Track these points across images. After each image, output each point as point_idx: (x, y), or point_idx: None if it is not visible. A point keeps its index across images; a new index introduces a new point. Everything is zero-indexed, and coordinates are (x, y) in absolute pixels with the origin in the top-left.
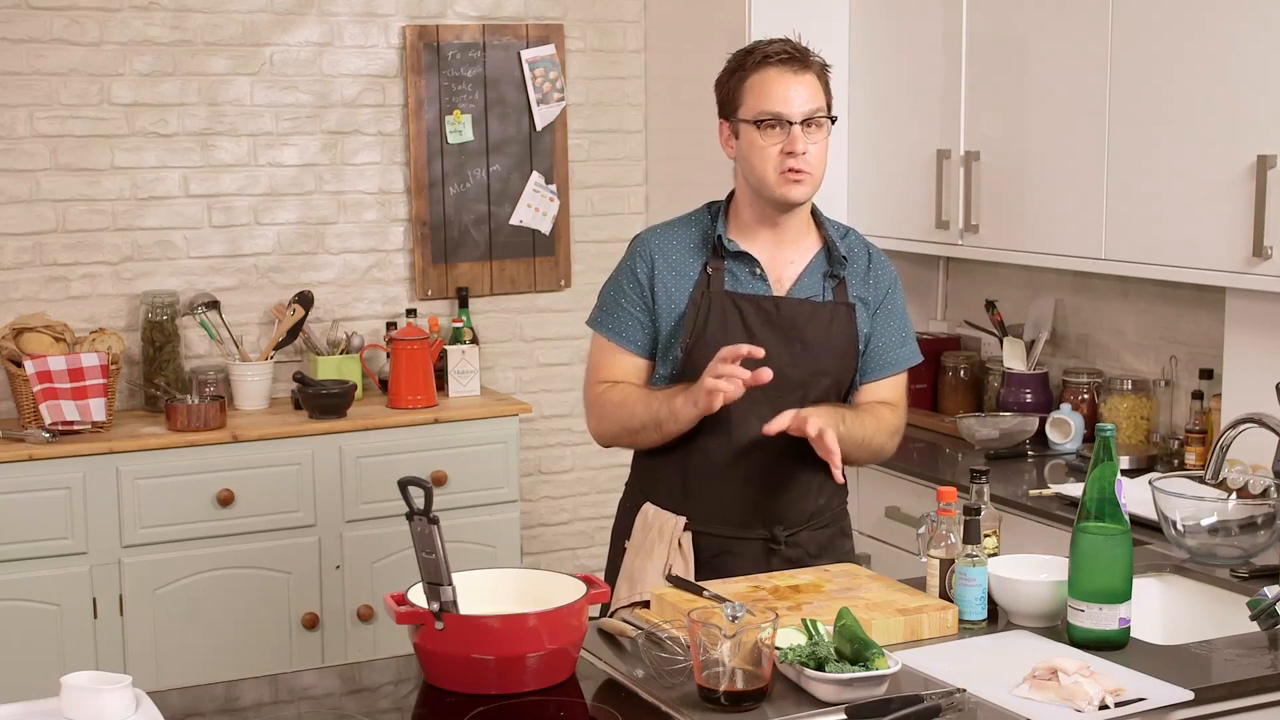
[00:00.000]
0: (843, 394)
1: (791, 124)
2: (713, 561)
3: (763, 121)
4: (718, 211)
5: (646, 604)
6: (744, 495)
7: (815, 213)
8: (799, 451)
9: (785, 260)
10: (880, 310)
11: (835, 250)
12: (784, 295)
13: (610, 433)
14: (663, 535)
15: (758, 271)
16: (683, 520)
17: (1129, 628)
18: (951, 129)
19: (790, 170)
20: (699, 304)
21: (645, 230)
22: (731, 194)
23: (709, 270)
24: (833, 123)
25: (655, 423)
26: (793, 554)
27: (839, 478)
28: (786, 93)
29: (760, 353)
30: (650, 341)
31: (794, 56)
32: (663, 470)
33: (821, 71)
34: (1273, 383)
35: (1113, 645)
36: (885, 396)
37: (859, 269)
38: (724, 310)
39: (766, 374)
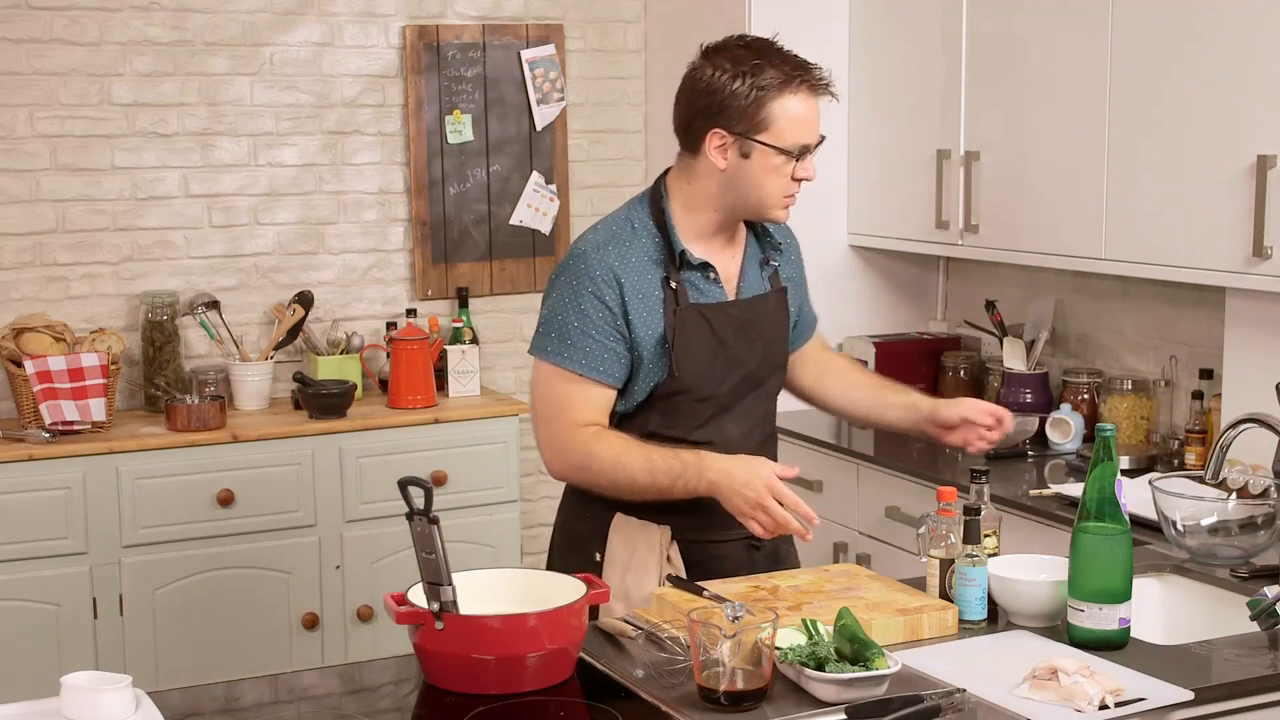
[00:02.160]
0: (781, 377)
1: (811, 152)
2: (700, 566)
3: (794, 153)
4: (659, 216)
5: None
6: None
7: None
8: (765, 447)
9: (728, 257)
10: (801, 280)
11: (768, 238)
12: (737, 296)
13: (594, 485)
14: (651, 549)
15: (712, 276)
16: (668, 530)
17: (1129, 628)
18: (951, 129)
19: (791, 195)
20: (674, 325)
21: (590, 247)
22: (662, 190)
23: (672, 285)
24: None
25: (655, 489)
26: (769, 549)
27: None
28: (816, 121)
29: (795, 471)
30: (623, 372)
31: (822, 82)
32: None
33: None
34: (1273, 383)
35: (1113, 645)
36: (821, 350)
37: (787, 245)
38: (697, 325)
39: (814, 524)
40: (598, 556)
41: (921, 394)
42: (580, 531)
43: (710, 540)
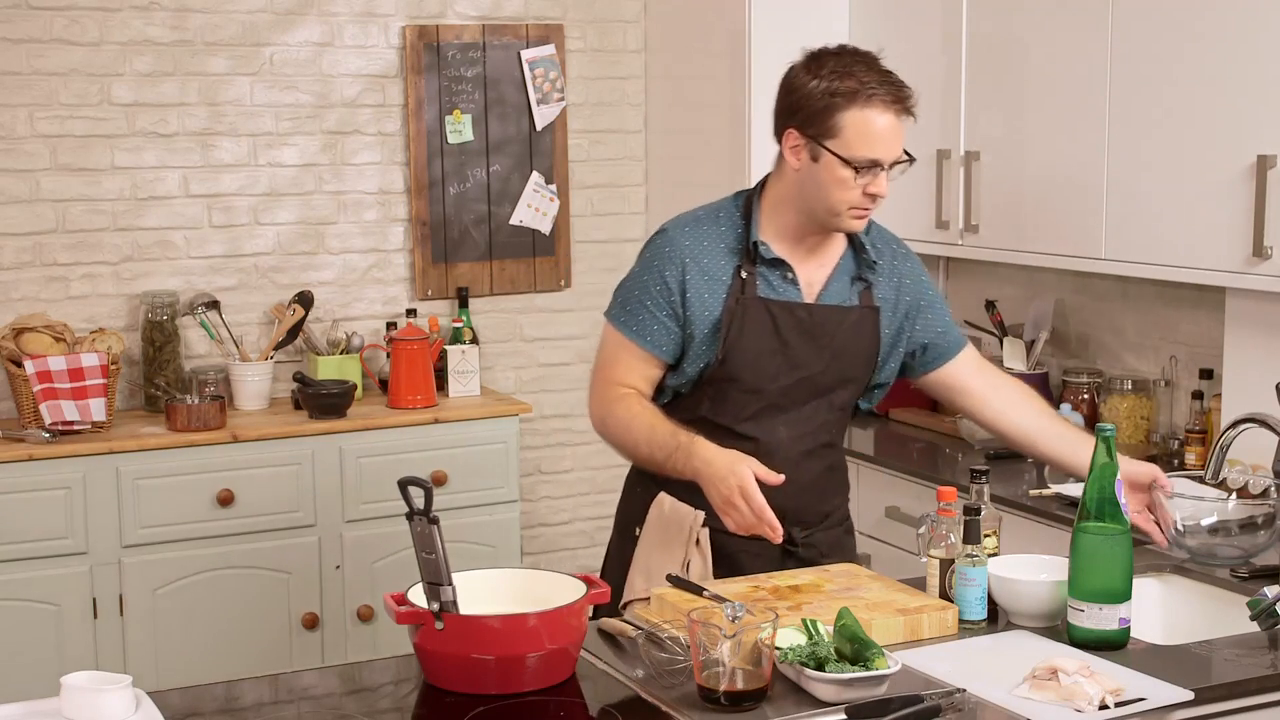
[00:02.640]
0: (856, 397)
1: (883, 169)
2: (729, 560)
3: (861, 165)
4: (749, 210)
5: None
6: (766, 497)
7: None
8: (819, 455)
9: (815, 264)
10: (923, 306)
11: (865, 254)
12: (815, 301)
13: (611, 442)
14: (681, 530)
15: (789, 276)
16: (701, 515)
17: (1129, 628)
18: (951, 129)
19: (863, 209)
20: (734, 311)
21: (672, 226)
22: (762, 188)
23: (742, 275)
24: (912, 162)
25: (653, 461)
26: (807, 554)
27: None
28: (891, 138)
29: (779, 479)
30: (673, 347)
31: (900, 99)
32: None
33: (912, 108)
34: (1273, 383)
35: (1113, 645)
36: (977, 371)
37: (884, 267)
38: (759, 317)
39: (778, 535)
40: (636, 532)
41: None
42: (629, 508)
43: (746, 536)
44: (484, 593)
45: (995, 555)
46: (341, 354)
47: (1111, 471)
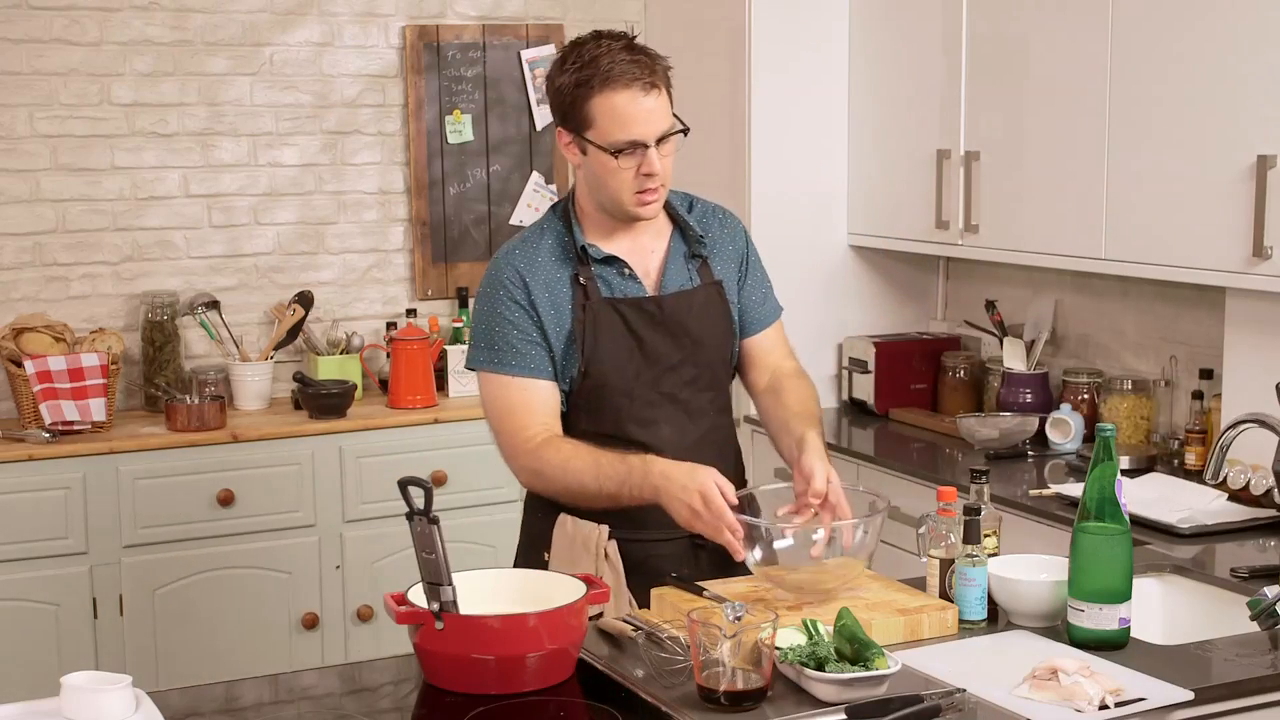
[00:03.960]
0: (728, 374)
1: (648, 147)
2: (641, 566)
3: (620, 149)
4: (568, 217)
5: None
6: None
7: None
8: (709, 443)
9: (646, 250)
10: (745, 272)
11: (690, 230)
12: (658, 291)
13: (550, 492)
14: (587, 548)
15: (626, 271)
16: (606, 529)
17: (1129, 628)
18: (951, 129)
19: (645, 191)
20: (584, 320)
21: (500, 254)
22: (572, 193)
23: (581, 281)
24: (685, 133)
25: (603, 495)
26: (717, 546)
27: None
28: (643, 116)
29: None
30: (552, 366)
31: (640, 75)
32: None
33: (667, 79)
34: (1273, 383)
35: (1113, 645)
36: (772, 348)
37: (714, 239)
38: (609, 319)
39: (740, 554)
40: (545, 556)
41: (813, 438)
42: (534, 533)
43: (650, 539)
44: (484, 593)
45: (995, 555)
46: (341, 354)
47: (1111, 471)
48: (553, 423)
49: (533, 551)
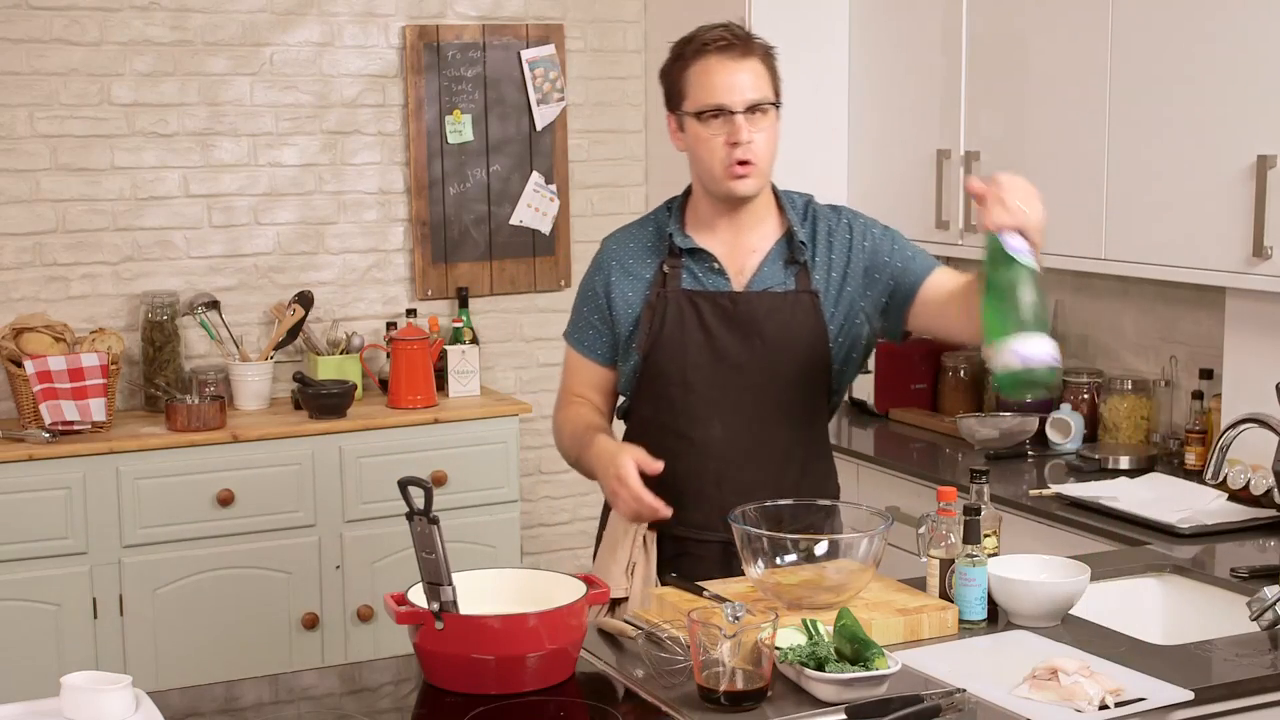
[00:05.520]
0: (815, 389)
1: (735, 114)
2: (673, 562)
3: (705, 113)
4: (674, 207)
5: (615, 602)
6: (706, 497)
7: (777, 194)
8: (765, 457)
9: (746, 250)
10: (881, 253)
11: (794, 236)
12: (742, 289)
13: (558, 446)
14: (627, 532)
15: (715, 266)
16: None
17: (1059, 368)
18: (951, 129)
19: (737, 163)
20: (654, 306)
21: (608, 237)
22: (689, 187)
23: (665, 270)
24: (778, 108)
25: (579, 463)
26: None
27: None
28: (729, 81)
29: (666, 513)
30: (607, 350)
31: (733, 43)
32: None
33: (766, 56)
34: (1273, 383)
35: (1043, 385)
36: (950, 278)
37: (821, 246)
38: (680, 310)
39: (665, 512)
40: (599, 533)
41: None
42: (603, 515)
43: (686, 537)
44: (484, 593)
45: (995, 555)
46: (341, 354)
47: (993, 238)
48: (591, 395)
49: (600, 529)
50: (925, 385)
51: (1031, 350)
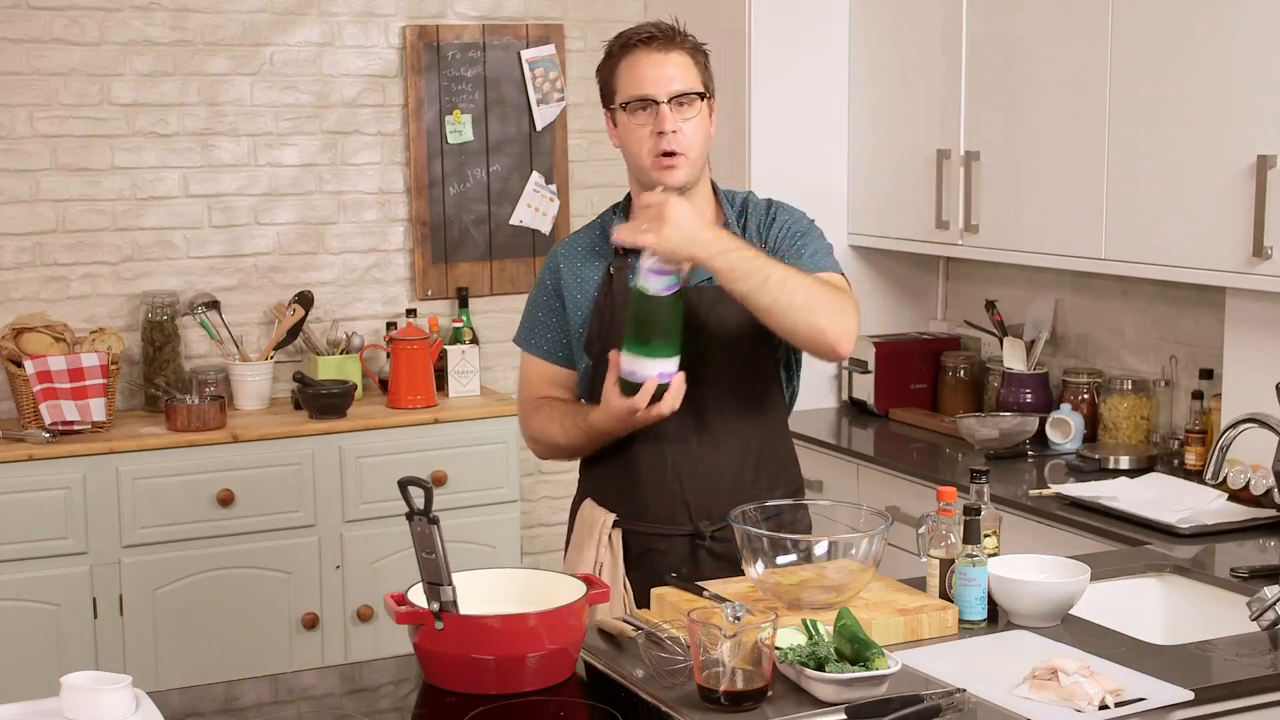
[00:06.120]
0: (765, 378)
1: (660, 104)
2: (641, 559)
3: (631, 103)
4: (619, 209)
5: None
6: (666, 491)
7: (716, 191)
8: (726, 449)
9: None
10: (774, 248)
11: (726, 227)
12: (686, 286)
13: (543, 445)
14: (592, 532)
15: None
16: (612, 516)
17: (668, 384)
18: (951, 129)
19: (664, 154)
20: (602, 308)
21: (559, 243)
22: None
23: (611, 271)
24: (705, 100)
25: (586, 438)
26: (722, 549)
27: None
28: (654, 73)
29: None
30: (565, 351)
31: (658, 36)
32: (599, 467)
33: (694, 50)
34: (1273, 383)
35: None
36: None
37: (752, 235)
38: (623, 307)
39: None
40: (568, 535)
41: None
42: (571, 514)
43: (651, 533)
44: (484, 593)
45: (995, 555)
46: (341, 354)
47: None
48: (559, 394)
49: (569, 532)
50: (925, 385)
51: (631, 366)
